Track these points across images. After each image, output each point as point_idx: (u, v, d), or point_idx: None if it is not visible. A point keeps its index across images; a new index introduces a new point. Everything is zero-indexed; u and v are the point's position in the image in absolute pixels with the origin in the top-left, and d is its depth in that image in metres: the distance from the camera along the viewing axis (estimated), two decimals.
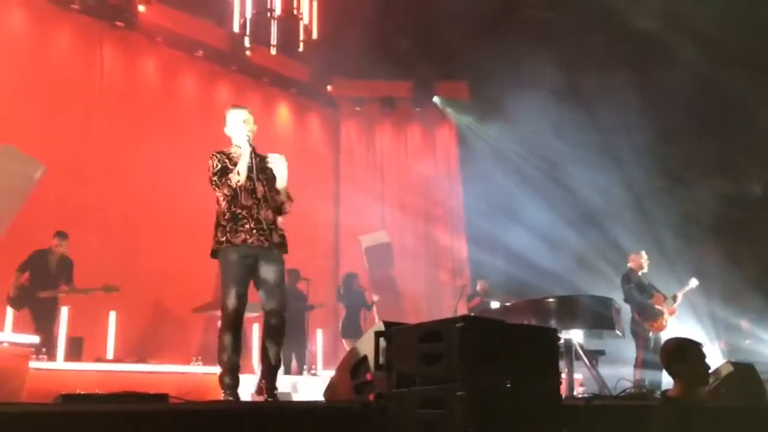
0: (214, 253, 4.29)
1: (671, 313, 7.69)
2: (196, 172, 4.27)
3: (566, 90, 11.07)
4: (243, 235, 4.18)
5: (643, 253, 7.93)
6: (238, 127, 4.36)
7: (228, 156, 4.35)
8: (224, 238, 4.18)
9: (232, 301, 4.13)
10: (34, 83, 8.41)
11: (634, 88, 10.76)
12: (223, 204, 4.27)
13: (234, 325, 4.15)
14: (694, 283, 7.79)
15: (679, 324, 8.29)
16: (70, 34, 8.89)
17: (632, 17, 10.10)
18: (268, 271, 4.25)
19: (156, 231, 8.81)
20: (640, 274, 7.84)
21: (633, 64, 10.56)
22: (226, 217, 4.23)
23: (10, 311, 6.87)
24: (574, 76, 10.67)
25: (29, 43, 8.51)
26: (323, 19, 7.16)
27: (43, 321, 6.93)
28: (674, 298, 7.76)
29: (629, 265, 7.94)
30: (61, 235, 7.33)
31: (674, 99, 9.98)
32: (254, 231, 4.20)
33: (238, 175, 4.19)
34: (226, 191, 4.22)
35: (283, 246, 4.37)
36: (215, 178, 4.25)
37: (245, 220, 4.21)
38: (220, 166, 4.27)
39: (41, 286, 7.10)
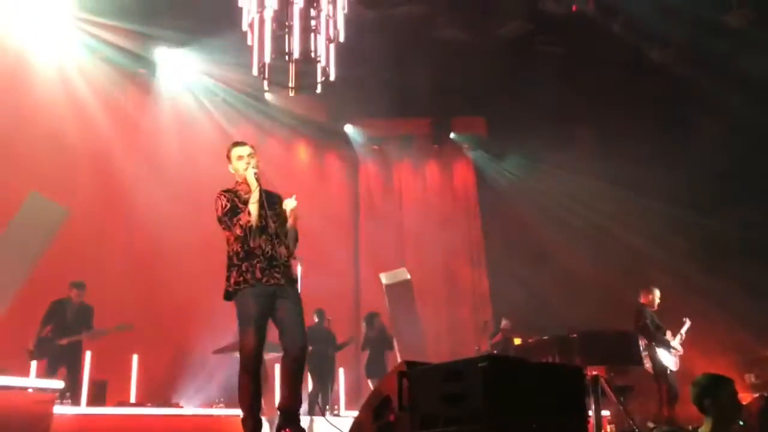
0: (229, 295, 4.14)
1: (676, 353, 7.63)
2: (216, 216, 4.26)
3: (584, 124, 11.09)
4: (258, 274, 4.06)
5: (656, 291, 7.83)
6: (244, 165, 4.29)
7: (236, 194, 4.26)
8: (240, 279, 4.06)
9: (249, 342, 3.99)
10: (56, 130, 8.58)
11: (653, 120, 10.76)
12: (235, 244, 4.15)
13: (253, 366, 4.01)
14: (688, 323, 7.79)
15: (706, 359, 8.15)
16: (94, 81, 9.10)
17: (646, 51, 10.17)
18: (286, 309, 4.09)
19: (176, 274, 8.85)
20: (650, 311, 7.73)
21: (651, 96, 10.57)
22: (240, 256, 4.10)
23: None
24: (590, 110, 10.69)
25: (47, 95, 8.69)
26: (340, 61, 7.27)
27: (67, 368, 7.00)
28: (680, 338, 7.70)
29: (641, 300, 7.83)
30: (78, 285, 7.51)
31: (694, 129, 9.96)
32: (268, 269, 4.09)
33: (250, 216, 4.10)
34: (237, 231, 4.12)
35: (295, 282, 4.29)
36: (225, 218, 4.15)
37: (259, 259, 4.09)
38: (229, 205, 4.17)
39: (61, 335, 7.22)
